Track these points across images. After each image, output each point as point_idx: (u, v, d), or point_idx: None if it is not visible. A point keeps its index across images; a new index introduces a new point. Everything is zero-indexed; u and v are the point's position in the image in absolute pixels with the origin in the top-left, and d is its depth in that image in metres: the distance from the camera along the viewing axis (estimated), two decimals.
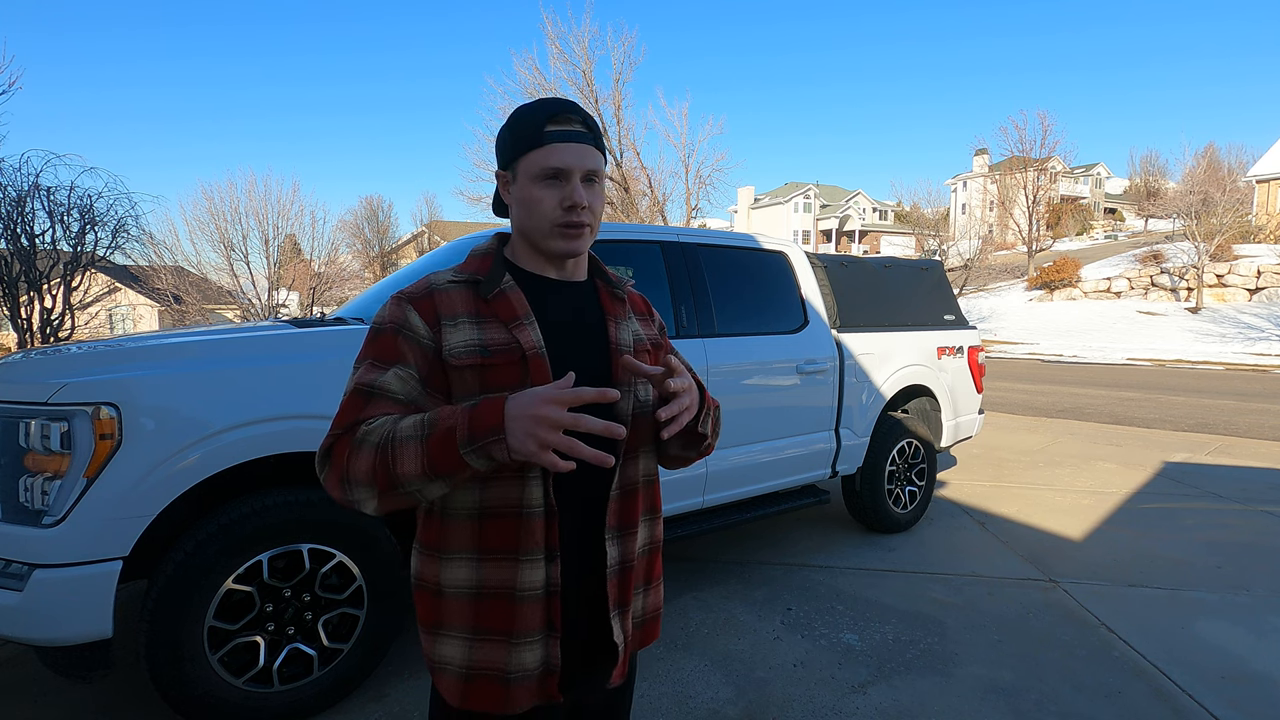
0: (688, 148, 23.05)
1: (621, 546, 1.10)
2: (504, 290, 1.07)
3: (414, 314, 1.03)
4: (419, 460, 0.90)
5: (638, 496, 1.13)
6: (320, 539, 2.28)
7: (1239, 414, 9.24)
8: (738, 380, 3.36)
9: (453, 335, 1.02)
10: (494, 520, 1.02)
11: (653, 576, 1.21)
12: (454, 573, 1.04)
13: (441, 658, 1.06)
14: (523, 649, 1.02)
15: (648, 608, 1.19)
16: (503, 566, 1.02)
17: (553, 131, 1.04)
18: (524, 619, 1.02)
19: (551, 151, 1.04)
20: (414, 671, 2.62)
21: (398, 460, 0.90)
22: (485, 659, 1.03)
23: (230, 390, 2.16)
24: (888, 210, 59.58)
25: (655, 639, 1.22)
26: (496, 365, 1.02)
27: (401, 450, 0.90)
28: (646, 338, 1.20)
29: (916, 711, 2.40)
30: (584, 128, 1.07)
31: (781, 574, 3.63)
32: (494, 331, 1.04)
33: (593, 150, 1.07)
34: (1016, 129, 40.21)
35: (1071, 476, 5.80)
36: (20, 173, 11.07)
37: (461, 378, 1.02)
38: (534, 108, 1.07)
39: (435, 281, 1.07)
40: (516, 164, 1.07)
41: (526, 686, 1.03)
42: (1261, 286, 23.82)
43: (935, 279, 4.92)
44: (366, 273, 36.23)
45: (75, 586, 1.93)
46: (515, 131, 1.07)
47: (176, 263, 19.38)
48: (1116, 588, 3.48)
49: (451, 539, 1.04)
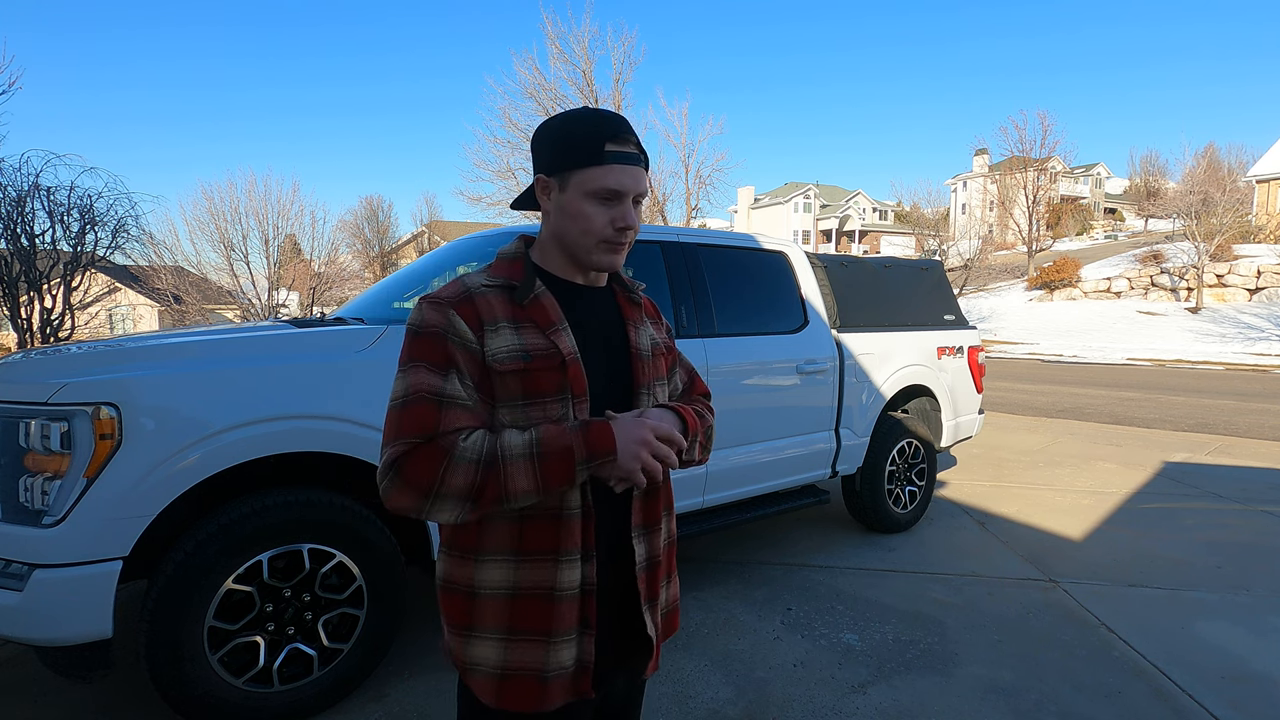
0: (687, 148, 23.06)
1: (648, 543, 1.15)
2: (538, 296, 1.09)
3: (458, 318, 1.03)
4: (532, 478, 0.97)
5: (659, 494, 1.18)
6: (320, 539, 2.28)
7: (1239, 414, 9.24)
8: (738, 380, 3.36)
9: (494, 340, 1.04)
10: (534, 522, 1.04)
11: (672, 568, 1.25)
12: (490, 574, 1.05)
13: (475, 658, 1.07)
14: (559, 647, 1.05)
15: (669, 600, 1.23)
16: (541, 567, 1.04)
17: (614, 153, 1.06)
18: (560, 618, 1.04)
19: (610, 173, 1.06)
20: (414, 671, 2.62)
21: (510, 478, 0.96)
22: (521, 659, 1.05)
23: (230, 390, 2.16)
24: (888, 210, 59.58)
25: (676, 629, 1.26)
26: (537, 370, 1.04)
27: (514, 468, 0.96)
28: (660, 340, 1.24)
29: (916, 711, 2.40)
30: (638, 149, 1.10)
31: (781, 574, 3.63)
32: (532, 337, 1.05)
33: (644, 174, 1.11)
34: (1016, 129, 40.11)
35: (1071, 476, 5.80)
36: (20, 173, 11.08)
37: (504, 382, 1.03)
38: (594, 122, 1.08)
39: (471, 284, 1.08)
40: (568, 175, 1.08)
41: (561, 683, 1.05)
42: (1261, 286, 23.83)
43: (935, 279, 4.92)
44: (366, 273, 36.24)
45: (75, 586, 1.93)
46: (571, 143, 1.07)
47: (176, 263, 19.39)
48: (1116, 588, 3.48)
49: (488, 541, 1.05)
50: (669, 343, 1.27)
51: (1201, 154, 38.27)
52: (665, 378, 1.23)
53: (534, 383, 1.03)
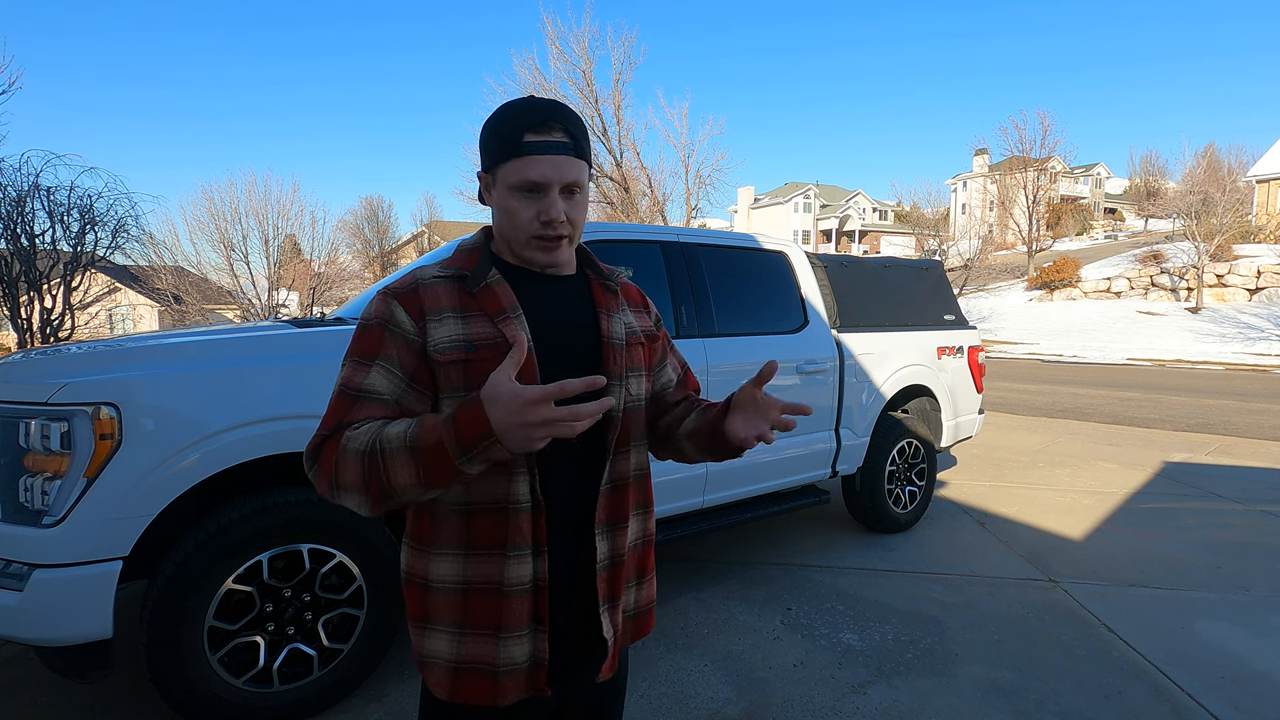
0: (687, 148, 23.09)
1: (611, 541, 1.10)
2: (490, 284, 1.06)
3: (399, 309, 1.02)
4: (413, 472, 0.89)
5: (629, 491, 1.13)
6: (320, 539, 2.28)
7: (1239, 414, 9.24)
8: (738, 380, 3.36)
9: (437, 330, 1.01)
10: (481, 515, 1.02)
11: (646, 570, 1.20)
12: (442, 568, 1.04)
13: (430, 652, 1.06)
14: (510, 643, 1.03)
15: (640, 601, 1.19)
16: (489, 561, 1.02)
17: (531, 143, 1.00)
18: (511, 614, 1.02)
19: (530, 164, 1.01)
20: (414, 671, 2.62)
21: (391, 472, 0.90)
22: (474, 653, 1.03)
23: (230, 390, 2.16)
24: (888, 210, 59.58)
25: (649, 632, 1.22)
26: (482, 360, 1.00)
27: (393, 462, 0.90)
28: (641, 330, 1.18)
29: (916, 711, 2.40)
30: (565, 136, 1.02)
31: (781, 574, 3.63)
32: (479, 326, 1.02)
33: (573, 161, 1.03)
34: (1016, 129, 40.27)
35: (1071, 476, 5.80)
36: (20, 173, 11.09)
37: (446, 373, 1.01)
38: (515, 112, 1.03)
39: (421, 276, 1.06)
40: (496, 170, 1.04)
41: (514, 680, 1.03)
42: (1261, 286, 23.82)
43: (935, 279, 4.92)
44: (366, 273, 36.26)
45: (75, 586, 1.93)
46: (495, 137, 1.04)
47: (176, 263, 19.39)
48: (1116, 588, 3.48)
49: (439, 534, 1.04)
50: (653, 331, 1.22)
51: (1201, 154, 38.35)
52: (644, 369, 1.17)
53: (478, 373, 0.99)
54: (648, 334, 1.20)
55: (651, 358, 1.21)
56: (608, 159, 22.57)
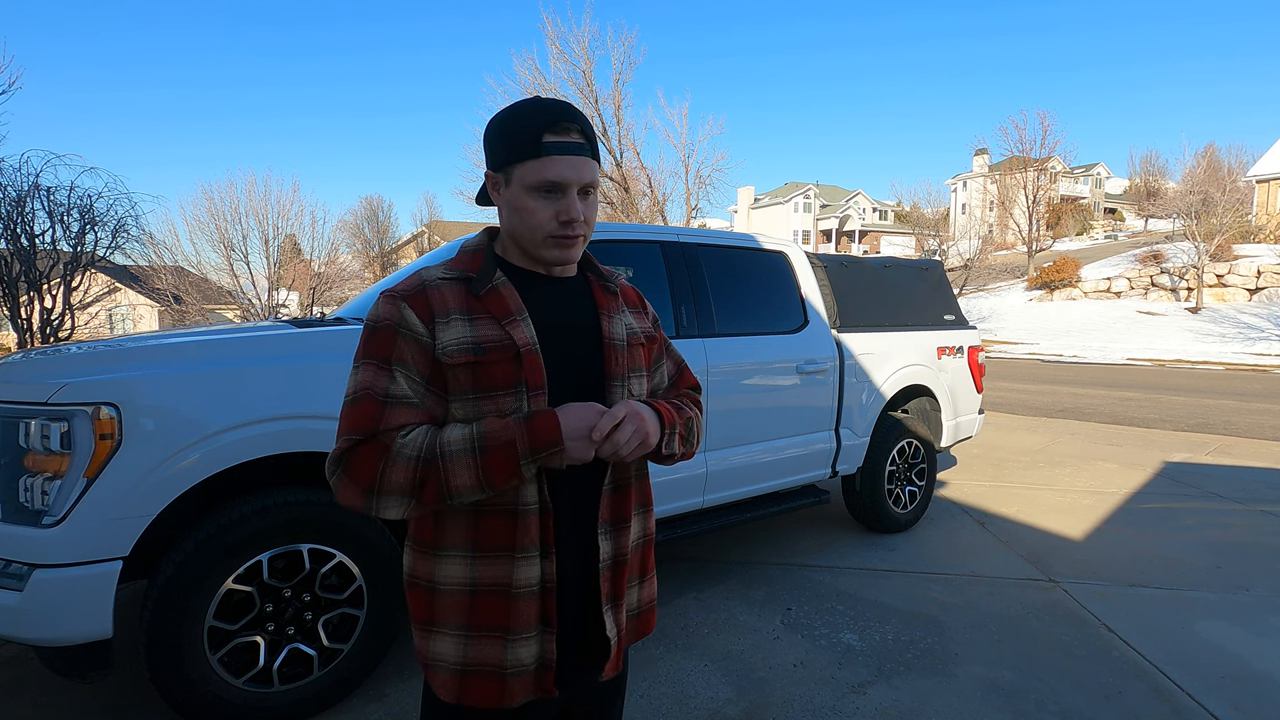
0: (687, 148, 23.10)
1: (615, 541, 1.11)
2: (496, 286, 1.06)
3: (409, 311, 1.02)
4: (474, 474, 0.95)
5: (630, 491, 1.14)
6: (320, 539, 2.28)
7: (1239, 414, 9.24)
8: (738, 380, 3.36)
9: (445, 333, 1.02)
10: (489, 517, 1.02)
11: (647, 569, 1.21)
12: (449, 570, 1.04)
13: (436, 655, 1.06)
14: (518, 645, 1.03)
15: (642, 600, 1.20)
16: (498, 563, 1.02)
17: (551, 143, 1.02)
18: (519, 615, 1.02)
19: (549, 165, 1.02)
20: (414, 671, 2.62)
21: (451, 474, 0.95)
22: (481, 655, 1.03)
23: (230, 390, 2.16)
24: (888, 210, 59.58)
25: (650, 631, 1.23)
26: (490, 362, 1.01)
27: (454, 465, 0.95)
28: (640, 330, 1.19)
29: (916, 711, 2.40)
30: (582, 138, 1.05)
31: (781, 574, 3.63)
32: (487, 328, 1.03)
33: (589, 162, 1.05)
34: (1016, 129, 40.20)
35: (1071, 476, 5.80)
36: (20, 173, 11.07)
37: (455, 375, 1.01)
38: (530, 112, 1.04)
39: (427, 278, 1.06)
40: (510, 170, 1.05)
41: (522, 681, 1.04)
42: (1261, 286, 23.82)
43: (935, 279, 4.92)
44: (366, 273, 36.26)
45: (75, 586, 1.93)
46: (510, 136, 1.04)
47: (176, 263, 19.39)
48: (1116, 588, 3.48)
49: (447, 536, 1.04)
50: (652, 332, 1.23)
51: (1201, 154, 38.34)
52: (644, 369, 1.18)
53: (486, 375, 1.01)
54: (646, 335, 1.21)
55: (650, 358, 1.22)
56: (608, 159, 22.57)
